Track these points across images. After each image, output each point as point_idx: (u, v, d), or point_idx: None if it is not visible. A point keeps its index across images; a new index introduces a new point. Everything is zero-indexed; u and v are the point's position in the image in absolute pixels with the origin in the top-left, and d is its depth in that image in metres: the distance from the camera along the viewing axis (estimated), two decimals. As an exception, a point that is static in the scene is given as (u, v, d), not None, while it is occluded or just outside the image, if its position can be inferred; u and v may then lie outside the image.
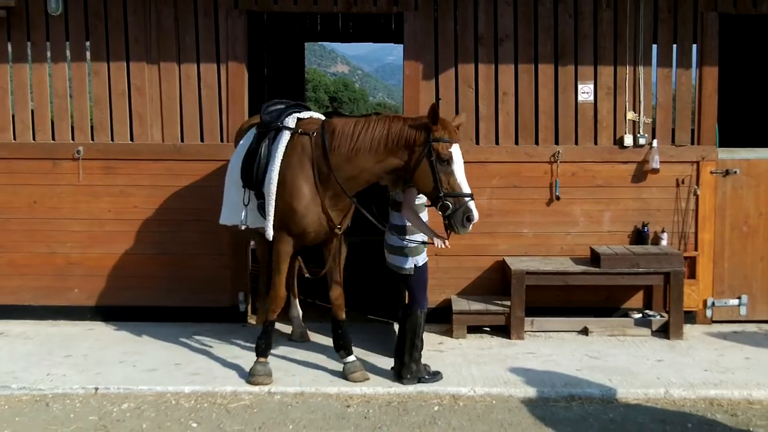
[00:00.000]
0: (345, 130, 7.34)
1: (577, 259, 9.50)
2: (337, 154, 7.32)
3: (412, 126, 7.16)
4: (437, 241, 7.38)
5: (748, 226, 9.67)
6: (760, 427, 6.76)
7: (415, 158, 7.10)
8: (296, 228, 7.51)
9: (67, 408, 7.11)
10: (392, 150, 7.20)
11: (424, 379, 7.64)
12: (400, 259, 7.60)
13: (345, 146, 7.28)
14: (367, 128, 7.26)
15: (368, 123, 7.30)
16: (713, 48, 9.55)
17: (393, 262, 7.68)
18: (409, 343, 7.66)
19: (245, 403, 7.20)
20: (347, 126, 7.37)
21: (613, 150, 9.59)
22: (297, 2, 9.47)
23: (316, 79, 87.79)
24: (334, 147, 7.32)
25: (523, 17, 9.52)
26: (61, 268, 9.62)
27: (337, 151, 7.32)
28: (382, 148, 7.21)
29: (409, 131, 7.13)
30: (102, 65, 9.51)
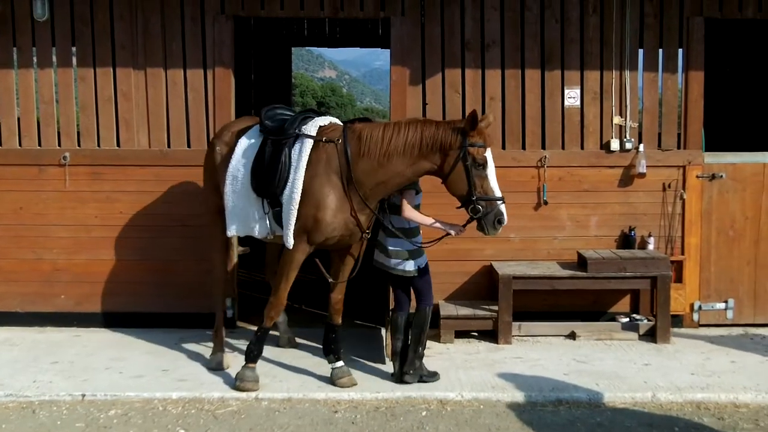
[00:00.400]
0: (374, 134, 7.36)
1: (564, 263, 9.51)
2: (366, 160, 7.34)
3: (446, 130, 7.24)
4: (453, 230, 7.57)
5: (734, 230, 9.70)
6: (747, 431, 6.78)
7: (450, 162, 7.21)
8: (320, 236, 7.47)
9: (53, 415, 7.08)
10: (425, 154, 7.27)
11: (424, 377, 7.73)
12: (405, 263, 7.68)
13: (375, 151, 7.30)
14: (398, 132, 7.30)
15: (399, 127, 7.35)
16: (699, 52, 9.58)
17: (395, 266, 7.70)
18: (415, 338, 7.78)
19: (233, 409, 7.19)
20: (375, 131, 7.40)
21: (600, 155, 9.61)
22: (284, 7, 9.47)
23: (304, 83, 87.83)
24: (363, 152, 7.35)
25: (509, 23, 9.53)
26: (48, 275, 9.58)
27: (367, 156, 7.34)
28: (415, 152, 7.27)
29: (444, 135, 7.21)
30: (88, 71, 9.49)
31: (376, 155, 7.30)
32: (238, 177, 7.74)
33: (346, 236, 7.60)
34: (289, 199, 7.38)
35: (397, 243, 7.66)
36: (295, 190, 7.36)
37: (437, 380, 7.76)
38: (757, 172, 9.66)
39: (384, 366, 8.14)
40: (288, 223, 7.38)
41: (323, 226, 7.41)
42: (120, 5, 9.41)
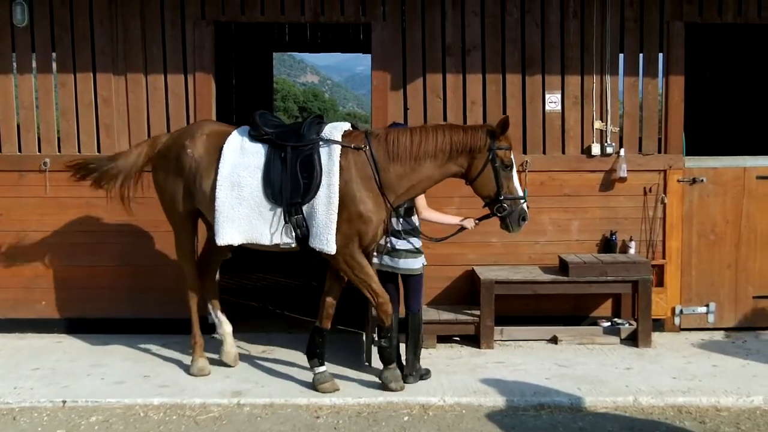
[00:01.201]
0: (401, 140, 7.54)
1: (545, 268, 9.53)
2: (397, 165, 7.51)
3: (474, 134, 7.53)
4: (468, 224, 7.96)
5: (715, 234, 9.74)
6: (728, 434, 6.81)
7: (479, 164, 7.51)
8: (367, 240, 7.60)
9: (34, 421, 7.04)
10: (454, 157, 7.54)
11: (423, 376, 7.98)
12: (412, 261, 7.95)
13: (406, 156, 7.50)
14: (427, 137, 7.52)
15: (426, 132, 7.58)
16: (679, 57, 9.61)
17: (404, 266, 7.94)
18: (413, 341, 8.04)
19: (214, 415, 7.16)
20: (402, 136, 7.57)
21: (581, 159, 9.63)
22: (264, 12, 9.46)
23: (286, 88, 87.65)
24: (393, 157, 7.51)
25: (490, 28, 9.55)
26: (28, 281, 9.54)
27: (398, 161, 7.51)
28: (446, 156, 7.53)
29: (472, 139, 7.49)
30: (68, 76, 9.45)
31: (407, 160, 7.50)
32: (241, 184, 7.53)
33: (375, 240, 7.79)
34: (326, 205, 7.37)
35: (404, 243, 7.90)
36: (332, 195, 7.37)
37: (430, 377, 8.00)
38: (737, 176, 9.70)
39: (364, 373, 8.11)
40: (328, 229, 7.38)
41: (374, 229, 7.59)
42: (100, 11, 9.38)
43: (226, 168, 7.59)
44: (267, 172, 7.53)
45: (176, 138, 8.10)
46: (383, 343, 7.73)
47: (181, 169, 7.86)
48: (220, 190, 7.55)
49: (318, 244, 7.41)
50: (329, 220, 7.36)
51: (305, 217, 7.45)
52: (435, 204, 8.15)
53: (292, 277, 13.12)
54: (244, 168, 7.56)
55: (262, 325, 10.07)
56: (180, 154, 7.88)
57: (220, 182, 7.56)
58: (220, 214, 7.56)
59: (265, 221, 7.54)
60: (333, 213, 7.36)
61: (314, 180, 7.41)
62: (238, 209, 7.53)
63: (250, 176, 7.54)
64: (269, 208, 7.51)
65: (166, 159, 8.04)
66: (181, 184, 7.90)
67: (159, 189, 8.16)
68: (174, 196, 7.99)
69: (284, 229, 7.51)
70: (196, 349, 8.22)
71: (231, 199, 7.55)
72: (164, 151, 8.10)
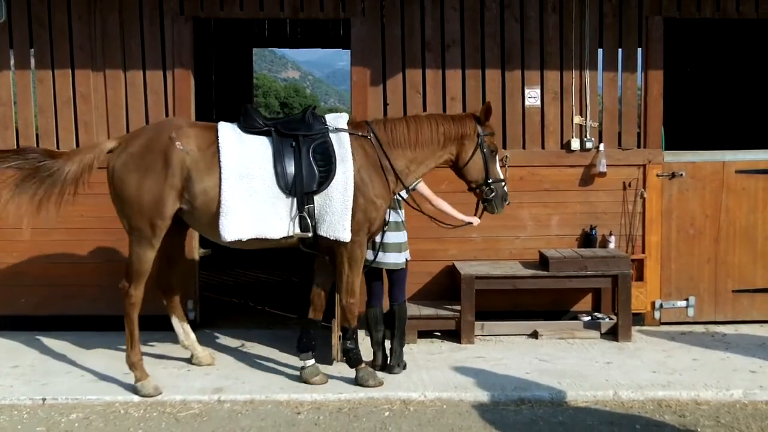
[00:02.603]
0: (398, 128, 7.80)
1: (526, 262, 9.55)
2: (399, 151, 7.74)
3: (463, 121, 7.91)
4: (472, 220, 8.35)
5: (694, 228, 9.78)
6: (708, 428, 6.82)
7: (469, 151, 7.88)
8: (376, 226, 7.73)
9: (14, 419, 7.02)
10: (446, 144, 7.87)
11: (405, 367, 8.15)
12: (398, 255, 8.10)
13: (405, 143, 7.78)
14: (421, 125, 7.83)
15: (420, 120, 7.90)
16: (658, 52, 9.65)
17: (389, 260, 8.07)
18: (399, 332, 8.20)
19: (194, 411, 7.15)
20: (398, 125, 7.83)
21: (561, 154, 9.66)
22: (243, 8, 9.44)
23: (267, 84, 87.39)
24: (394, 145, 7.73)
25: (469, 23, 9.56)
26: (8, 278, 9.49)
27: (400, 148, 7.75)
28: (440, 143, 7.84)
29: (462, 126, 7.86)
30: (47, 73, 9.41)
31: (407, 147, 7.77)
32: (251, 175, 7.33)
33: (381, 228, 7.88)
34: (343, 193, 7.40)
35: (394, 237, 8.07)
36: (348, 183, 7.42)
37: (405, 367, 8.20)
38: (716, 170, 9.74)
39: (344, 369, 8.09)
40: (344, 216, 7.40)
41: (382, 215, 7.72)
42: (78, 6, 9.33)
43: (230, 160, 7.33)
44: (277, 162, 7.42)
45: (153, 136, 7.51)
46: (349, 345, 7.75)
47: (170, 166, 7.32)
48: (227, 183, 7.28)
49: (333, 232, 7.41)
50: (345, 208, 7.39)
51: (317, 206, 7.43)
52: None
53: (272, 273, 13.12)
54: (250, 159, 7.38)
55: (243, 322, 10.06)
56: (166, 149, 7.36)
57: (226, 175, 7.28)
58: (228, 209, 7.28)
59: (276, 213, 7.40)
60: (349, 200, 7.40)
61: (332, 168, 7.42)
62: (249, 202, 7.33)
63: (259, 168, 7.38)
64: (282, 199, 7.39)
65: (144, 159, 7.40)
66: (168, 183, 7.34)
67: (131, 193, 7.41)
68: (157, 198, 7.36)
69: (296, 219, 7.43)
70: (139, 366, 7.64)
71: (240, 192, 7.31)
72: (141, 151, 7.43)
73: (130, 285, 7.62)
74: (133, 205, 7.42)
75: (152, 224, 7.43)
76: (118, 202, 7.54)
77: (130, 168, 7.42)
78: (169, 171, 7.34)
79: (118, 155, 7.50)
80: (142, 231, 7.48)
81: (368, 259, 7.99)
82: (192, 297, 9.54)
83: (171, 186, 7.35)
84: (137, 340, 7.64)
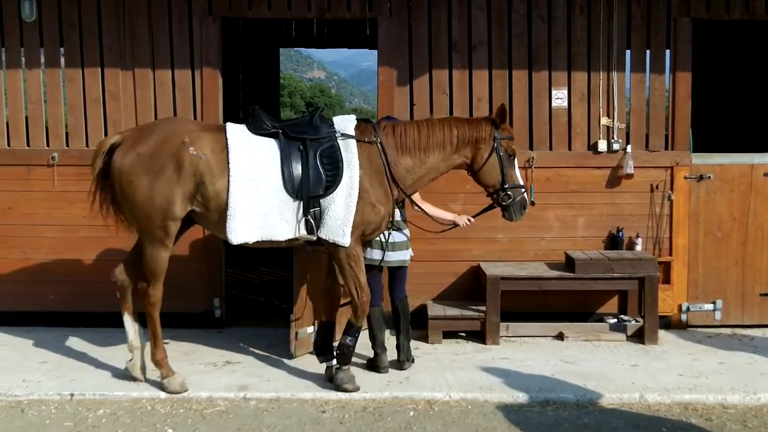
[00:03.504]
0: (408, 132, 7.69)
1: (551, 264, 9.53)
2: (406, 157, 7.65)
3: (478, 125, 7.72)
4: (461, 221, 8.30)
5: (721, 231, 9.73)
6: None
7: (484, 154, 7.68)
8: (372, 231, 7.68)
9: (42, 414, 7.07)
10: (459, 148, 7.70)
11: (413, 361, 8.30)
12: (404, 252, 8.20)
13: (414, 148, 7.65)
14: (433, 129, 7.68)
15: (432, 124, 7.74)
16: (686, 53, 9.61)
17: (396, 258, 8.14)
18: (405, 328, 8.29)
19: (220, 408, 7.19)
20: (409, 128, 7.72)
21: (587, 155, 9.63)
22: (271, 8, 9.48)
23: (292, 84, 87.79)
24: (401, 150, 7.64)
25: (496, 23, 9.55)
26: (36, 274, 9.57)
27: (407, 154, 7.65)
28: (453, 147, 7.69)
29: (477, 130, 7.68)
30: (76, 72, 9.48)
31: (416, 152, 7.64)
32: (259, 179, 7.28)
33: (378, 232, 7.83)
34: (346, 198, 7.37)
35: (397, 235, 8.11)
36: (353, 188, 7.39)
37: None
38: (744, 173, 9.69)
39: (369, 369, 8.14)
40: (347, 220, 7.38)
41: (380, 220, 7.63)
42: (107, 7, 9.41)
43: (239, 163, 7.27)
44: (285, 166, 7.38)
45: (164, 138, 7.38)
46: (348, 341, 7.67)
47: (182, 169, 7.24)
48: (235, 186, 7.22)
49: (333, 236, 7.38)
50: (348, 213, 7.36)
51: (322, 209, 7.41)
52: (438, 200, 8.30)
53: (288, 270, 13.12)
54: (258, 163, 7.33)
55: (268, 321, 10.05)
56: (178, 153, 7.26)
57: (235, 178, 7.22)
58: (235, 212, 7.23)
59: (282, 216, 7.36)
60: (352, 206, 7.37)
61: (339, 172, 7.40)
62: (256, 205, 7.28)
63: (267, 171, 7.33)
64: (289, 203, 7.35)
65: (155, 161, 7.29)
66: (180, 188, 7.28)
67: (142, 196, 7.31)
68: (169, 202, 7.29)
69: (301, 223, 7.41)
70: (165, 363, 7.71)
71: (248, 195, 7.26)
72: (152, 153, 7.31)
73: (148, 285, 7.61)
74: (144, 209, 7.33)
75: (164, 226, 7.38)
76: (127, 204, 7.45)
77: (139, 170, 7.29)
78: (182, 175, 7.25)
79: (126, 153, 7.35)
80: (154, 233, 7.42)
81: (376, 258, 8.07)
82: (218, 295, 9.58)
83: (184, 190, 7.28)
84: (160, 338, 7.67)
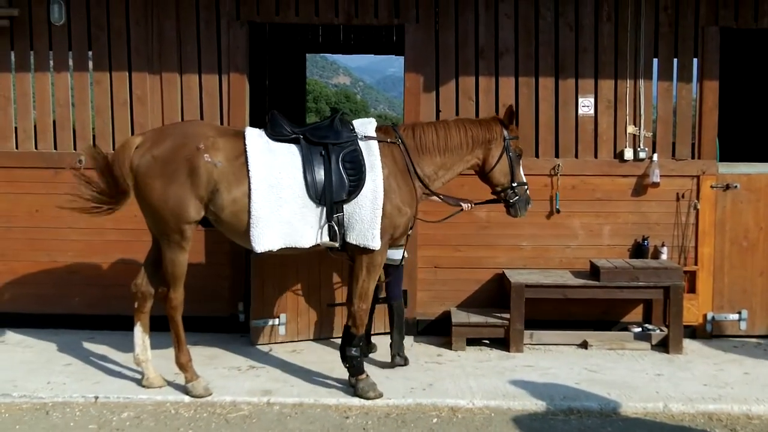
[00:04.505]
0: (427, 133, 7.89)
1: (576, 272, 9.51)
2: (428, 157, 7.87)
3: (489, 125, 8.02)
4: (465, 205, 8.39)
5: (747, 240, 9.68)
6: (759, 442, 6.78)
7: (496, 154, 7.98)
8: (400, 233, 7.80)
9: (66, 416, 7.11)
10: (473, 149, 7.97)
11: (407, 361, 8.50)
12: (395, 251, 8.23)
13: (434, 149, 7.86)
14: (449, 130, 7.92)
15: (448, 125, 7.98)
16: (714, 62, 9.57)
17: (391, 256, 8.16)
18: (398, 326, 8.52)
19: (244, 413, 7.20)
20: (427, 130, 7.93)
21: (613, 163, 9.61)
22: (298, 13, 9.50)
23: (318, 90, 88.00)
24: (422, 151, 7.82)
25: (523, 30, 9.55)
26: (62, 277, 9.63)
27: (428, 154, 7.86)
28: (469, 147, 7.95)
29: (489, 130, 7.98)
30: (104, 75, 9.53)
31: (436, 153, 7.87)
32: (281, 185, 7.26)
33: (405, 233, 7.92)
34: (372, 201, 7.40)
35: None
36: (378, 191, 7.42)
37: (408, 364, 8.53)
38: (771, 183, 9.65)
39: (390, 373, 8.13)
40: (374, 224, 7.41)
41: (407, 222, 7.74)
42: (135, 10, 9.45)
43: (259, 170, 7.25)
44: (307, 171, 7.37)
45: (180, 142, 7.34)
46: (353, 352, 7.67)
47: (196, 175, 7.22)
48: (257, 193, 7.20)
49: (362, 240, 7.41)
50: (375, 216, 7.39)
51: (346, 214, 7.43)
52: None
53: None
54: (279, 169, 7.31)
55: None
56: (192, 159, 7.23)
57: (256, 186, 7.20)
58: (258, 220, 7.22)
59: (306, 222, 7.36)
60: (378, 208, 7.40)
61: (362, 176, 7.42)
62: (279, 212, 7.26)
63: (289, 177, 7.32)
64: (312, 209, 7.35)
65: (169, 165, 7.27)
66: (192, 191, 7.25)
67: (156, 198, 7.30)
68: (182, 206, 7.27)
69: (325, 228, 7.42)
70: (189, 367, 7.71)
71: (270, 202, 7.23)
72: (167, 157, 7.29)
73: (169, 289, 7.58)
74: (159, 211, 7.34)
75: (180, 230, 7.35)
76: (143, 205, 7.45)
77: (154, 173, 7.28)
78: (195, 181, 7.23)
79: (142, 155, 7.32)
80: (171, 236, 7.39)
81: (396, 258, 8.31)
82: (242, 300, 9.59)
83: (196, 196, 7.26)
84: (184, 342, 7.69)
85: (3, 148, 9.57)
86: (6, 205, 9.58)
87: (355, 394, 7.55)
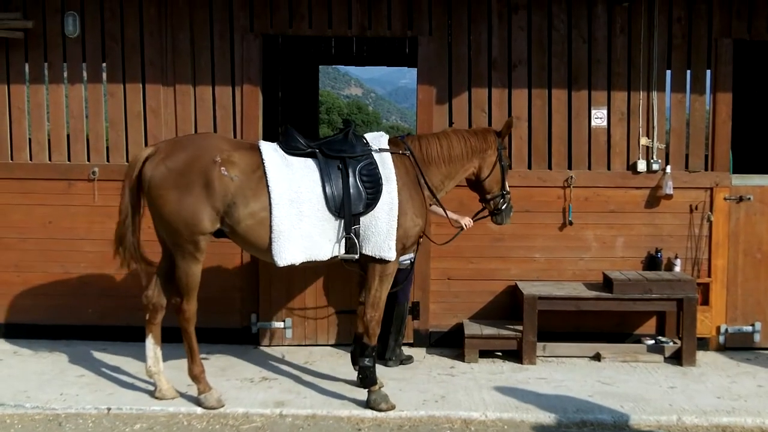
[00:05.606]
0: (431, 144, 8.02)
1: (589, 284, 9.49)
2: (434, 168, 7.99)
3: (485, 136, 8.18)
4: (464, 222, 8.51)
5: (761, 252, 9.65)
6: (773, 455, 6.75)
7: (490, 163, 8.16)
8: (412, 243, 7.90)
9: (79, 427, 7.13)
10: (471, 159, 8.12)
11: (404, 361, 8.89)
12: (404, 255, 8.26)
13: (439, 159, 7.99)
14: (451, 141, 8.05)
15: (449, 136, 8.11)
16: (727, 74, 9.55)
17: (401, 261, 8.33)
18: (396, 328, 8.83)
19: (257, 424, 7.21)
20: (431, 140, 8.06)
21: (626, 175, 9.59)
22: (312, 26, 9.52)
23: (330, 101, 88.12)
24: (428, 161, 7.94)
25: (536, 42, 9.55)
26: (75, 288, 9.66)
27: (434, 165, 7.99)
28: (468, 157, 8.09)
29: (484, 141, 8.14)
30: (118, 87, 9.56)
31: (441, 163, 7.99)
32: (300, 200, 7.29)
33: (416, 242, 8.04)
34: (388, 213, 7.49)
35: None
36: (393, 202, 7.51)
37: (412, 362, 8.94)
38: (785, 195, 9.62)
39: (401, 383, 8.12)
40: (390, 236, 7.49)
41: (419, 232, 7.86)
42: (150, 22, 9.49)
43: (279, 185, 7.28)
44: (326, 185, 7.41)
45: (195, 155, 7.33)
46: (366, 362, 7.66)
47: (211, 188, 7.21)
48: (278, 208, 7.23)
49: (378, 251, 7.48)
50: (390, 227, 7.48)
51: (362, 226, 7.48)
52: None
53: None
54: (299, 183, 7.34)
55: (305, 337, 10.09)
56: (207, 172, 7.24)
57: (276, 200, 7.22)
58: (280, 234, 7.25)
59: (325, 235, 7.42)
60: (394, 220, 7.49)
61: (379, 189, 7.49)
62: (300, 226, 7.30)
63: (308, 191, 7.34)
64: (330, 222, 7.41)
65: (184, 177, 7.26)
66: (207, 203, 7.24)
67: (171, 210, 7.30)
68: (195, 216, 7.26)
69: (342, 241, 7.47)
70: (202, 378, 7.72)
71: (291, 216, 7.26)
72: (182, 169, 7.28)
73: (182, 300, 7.58)
74: (172, 223, 7.33)
75: (193, 241, 7.34)
76: (156, 216, 7.45)
77: (168, 184, 7.28)
78: (210, 193, 7.22)
79: (156, 166, 7.32)
80: (185, 247, 7.39)
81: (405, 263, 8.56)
82: (255, 311, 9.60)
83: (212, 208, 7.25)
84: (197, 353, 7.69)
85: (17, 160, 9.62)
86: (20, 216, 9.62)
87: (368, 406, 7.54)
